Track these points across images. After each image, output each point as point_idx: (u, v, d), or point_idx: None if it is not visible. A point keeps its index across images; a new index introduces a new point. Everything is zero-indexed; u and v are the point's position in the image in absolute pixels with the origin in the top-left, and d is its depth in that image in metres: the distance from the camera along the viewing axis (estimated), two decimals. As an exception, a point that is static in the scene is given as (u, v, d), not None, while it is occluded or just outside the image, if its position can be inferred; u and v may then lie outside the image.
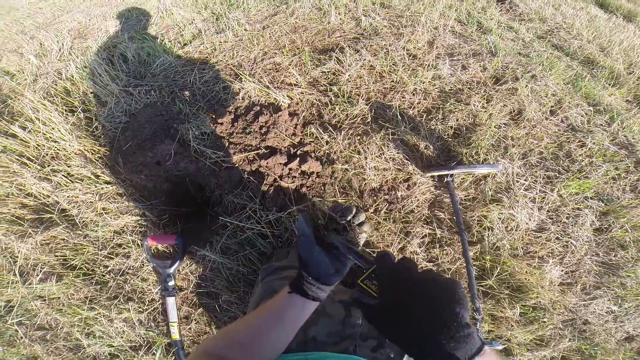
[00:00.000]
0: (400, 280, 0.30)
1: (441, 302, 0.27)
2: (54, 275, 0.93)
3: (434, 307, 0.27)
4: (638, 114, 1.27)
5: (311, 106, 1.09)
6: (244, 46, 1.26)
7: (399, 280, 0.30)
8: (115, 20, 1.56)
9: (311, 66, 1.17)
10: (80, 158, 1.03)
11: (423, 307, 0.27)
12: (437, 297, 0.28)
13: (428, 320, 0.27)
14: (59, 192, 0.99)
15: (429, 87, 1.15)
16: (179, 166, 0.96)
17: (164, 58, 1.23)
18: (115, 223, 0.96)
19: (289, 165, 0.91)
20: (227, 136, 0.99)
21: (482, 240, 0.94)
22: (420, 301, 0.28)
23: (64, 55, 1.40)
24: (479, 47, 1.33)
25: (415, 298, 0.28)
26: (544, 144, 1.11)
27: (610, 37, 1.63)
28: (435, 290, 0.28)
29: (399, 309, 0.29)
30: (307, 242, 0.41)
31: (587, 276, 0.94)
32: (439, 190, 0.99)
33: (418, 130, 1.07)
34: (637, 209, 1.03)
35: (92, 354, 0.90)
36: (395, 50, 1.21)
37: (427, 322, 0.27)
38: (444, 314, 0.27)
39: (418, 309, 0.28)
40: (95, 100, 1.17)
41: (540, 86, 1.22)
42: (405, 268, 0.32)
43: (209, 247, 0.92)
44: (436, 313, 0.27)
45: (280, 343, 0.39)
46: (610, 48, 1.55)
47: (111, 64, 1.26)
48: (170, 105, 1.09)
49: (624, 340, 0.93)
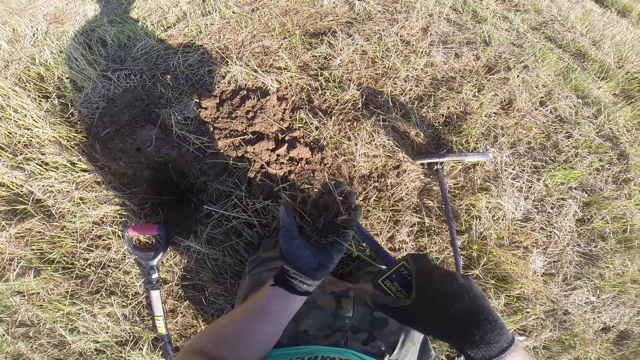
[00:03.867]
0: (440, 277, 0.32)
1: (479, 295, 0.30)
2: (32, 269, 0.88)
3: (474, 301, 0.30)
4: (624, 107, 1.30)
5: (301, 91, 1.05)
6: (232, 29, 1.20)
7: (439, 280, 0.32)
8: (94, 4, 1.46)
9: (302, 50, 1.13)
10: (55, 145, 0.97)
11: (466, 302, 0.30)
12: (474, 292, 0.31)
13: (475, 313, 0.29)
14: (32, 181, 0.93)
15: (422, 74, 1.13)
16: (160, 152, 0.91)
17: (146, 41, 1.16)
18: (94, 213, 0.92)
19: (276, 151, 0.88)
20: (212, 121, 0.94)
21: (470, 230, 0.95)
22: (461, 297, 0.30)
23: (39, 40, 1.30)
24: (473, 36, 1.31)
25: (457, 295, 0.30)
26: (533, 134, 1.12)
27: (603, 32, 1.64)
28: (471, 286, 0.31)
29: (440, 307, 0.30)
30: (287, 234, 0.38)
31: (568, 267, 0.97)
32: (429, 178, 0.99)
33: (409, 117, 1.05)
34: (618, 200, 1.05)
35: (78, 350, 0.88)
36: (388, 36, 1.18)
37: (475, 315, 0.29)
38: (486, 305, 0.30)
39: (462, 305, 0.30)
40: (71, 85, 1.10)
41: (531, 77, 1.22)
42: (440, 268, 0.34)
43: (194, 237, 0.89)
44: (478, 305, 0.30)
45: (267, 338, 0.38)
46: (602, 42, 1.57)
47: (89, 49, 1.18)
48: (151, 90, 1.04)
49: (601, 331, 0.97)
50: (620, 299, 0.97)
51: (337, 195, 0.39)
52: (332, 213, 0.38)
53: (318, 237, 0.38)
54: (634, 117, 1.28)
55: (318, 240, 0.38)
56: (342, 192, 0.40)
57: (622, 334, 0.98)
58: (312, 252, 0.38)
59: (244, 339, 0.36)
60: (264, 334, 0.37)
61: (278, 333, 0.38)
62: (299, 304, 0.38)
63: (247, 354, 0.36)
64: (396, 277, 0.35)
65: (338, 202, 0.38)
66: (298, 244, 0.38)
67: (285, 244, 0.38)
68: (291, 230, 0.38)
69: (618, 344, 0.97)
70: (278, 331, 0.38)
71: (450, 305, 0.30)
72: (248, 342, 0.36)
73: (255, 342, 0.37)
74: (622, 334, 0.98)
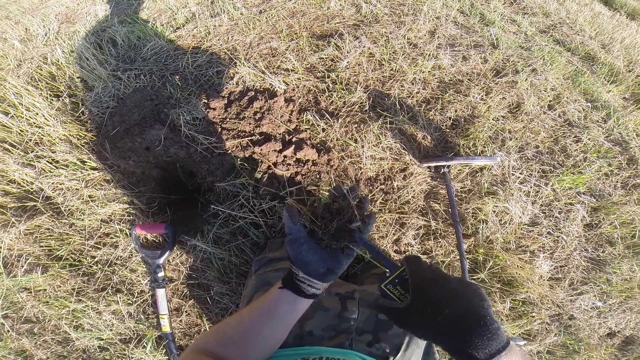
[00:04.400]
0: (433, 282, 0.32)
1: (474, 299, 0.30)
2: (40, 266, 0.90)
3: (468, 305, 0.30)
4: (634, 111, 1.28)
5: (308, 92, 1.06)
6: (240, 30, 1.21)
7: (432, 282, 0.32)
8: (105, 5, 1.48)
9: (309, 52, 1.14)
10: (66, 144, 0.99)
11: (459, 306, 0.29)
12: (470, 296, 0.30)
13: (465, 317, 0.29)
14: (43, 178, 0.94)
15: (429, 77, 1.13)
16: (169, 152, 0.92)
17: (155, 42, 1.18)
18: (102, 211, 0.93)
19: (283, 153, 0.88)
20: (220, 122, 0.95)
21: (476, 234, 0.94)
22: (454, 300, 0.30)
23: (50, 40, 1.33)
24: (480, 39, 1.30)
25: (450, 298, 0.30)
26: (541, 137, 1.11)
27: (613, 35, 1.62)
28: (466, 290, 0.31)
29: (432, 309, 0.30)
30: (293, 242, 0.38)
31: (575, 272, 0.96)
32: (435, 181, 0.98)
33: (416, 120, 1.05)
34: (627, 205, 1.04)
35: (82, 347, 0.89)
36: (395, 39, 1.18)
37: (465, 319, 0.29)
38: (479, 310, 0.29)
39: (454, 308, 0.29)
40: (82, 85, 1.11)
41: (540, 80, 1.21)
42: (435, 270, 0.33)
43: (200, 237, 0.90)
44: (471, 310, 0.29)
45: (273, 340, 0.38)
46: (611, 45, 1.55)
47: (99, 48, 1.20)
48: (160, 90, 1.05)
49: (606, 336, 0.95)
50: (627, 304, 0.96)
51: (351, 200, 0.38)
52: (346, 218, 0.38)
53: (329, 241, 0.38)
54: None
55: (329, 245, 0.38)
56: (356, 196, 0.40)
57: (628, 339, 0.97)
58: (320, 256, 0.38)
59: (250, 340, 0.36)
60: (271, 335, 0.37)
61: (284, 334, 0.38)
62: (306, 306, 0.38)
63: (253, 355, 0.37)
64: (399, 281, 0.35)
65: (353, 207, 0.38)
66: (306, 249, 0.37)
67: (292, 250, 0.38)
68: (298, 237, 0.38)
69: (623, 349, 0.95)
70: (284, 333, 0.38)
71: (440, 309, 0.29)
72: (255, 342, 0.36)
73: (261, 343, 0.37)
74: (627, 339, 0.97)
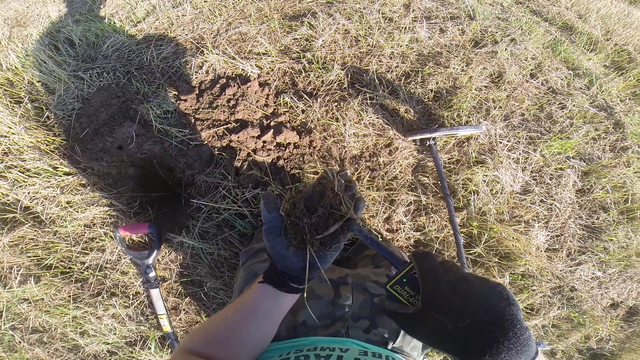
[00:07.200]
0: (449, 284, 0.27)
1: (500, 305, 0.25)
2: (32, 276, 0.88)
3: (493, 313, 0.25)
4: (616, 78, 1.27)
5: (283, 75, 1.01)
6: (205, 18, 1.15)
7: (448, 284, 0.27)
8: (57, 5, 1.40)
9: (282, 34, 1.09)
10: (34, 151, 0.94)
11: (482, 314, 0.25)
12: (496, 301, 0.25)
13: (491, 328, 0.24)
14: (17, 189, 0.90)
15: (407, 50, 1.09)
16: (142, 149, 0.88)
17: (115, 38, 1.11)
18: (83, 216, 0.90)
19: (262, 138, 0.85)
20: (193, 112, 0.91)
21: (468, 206, 0.93)
22: (477, 308, 0.25)
23: (3, 45, 1.25)
24: (456, 11, 1.27)
25: (471, 305, 0.25)
26: (525, 105, 1.09)
27: (588, 5, 1.60)
28: (491, 293, 0.26)
29: (449, 318, 0.25)
30: (269, 232, 0.34)
31: (571, 241, 0.95)
32: (422, 154, 0.96)
33: (397, 94, 1.02)
34: (617, 168, 1.04)
35: (92, 352, 0.89)
36: (370, 14, 1.14)
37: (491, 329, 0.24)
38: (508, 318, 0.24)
39: (475, 317, 0.25)
40: (43, 88, 1.05)
41: (519, 50, 1.19)
42: (450, 269, 0.28)
43: (186, 233, 0.87)
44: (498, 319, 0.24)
45: (260, 337, 0.36)
46: (588, 15, 1.53)
47: (56, 50, 1.14)
48: (126, 86, 1.00)
49: (610, 307, 0.94)
50: (626, 273, 0.94)
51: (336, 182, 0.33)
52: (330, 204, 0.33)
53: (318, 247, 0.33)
54: (627, 87, 1.26)
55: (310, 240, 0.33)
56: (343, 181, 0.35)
57: (632, 309, 0.95)
58: (301, 249, 0.34)
59: (235, 338, 0.34)
60: (256, 332, 0.35)
61: (272, 330, 0.36)
62: (291, 302, 0.36)
63: (241, 353, 0.35)
64: (407, 280, 0.30)
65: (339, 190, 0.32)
66: (283, 241, 0.34)
67: (269, 242, 0.34)
68: (273, 227, 0.34)
69: (628, 320, 0.94)
70: (271, 329, 0.36)
71: (460, 318, 0.25)
72: (240, 341, 0.34)
73: (247, 341, 0.35)
74: (631, 309, 0.95)
